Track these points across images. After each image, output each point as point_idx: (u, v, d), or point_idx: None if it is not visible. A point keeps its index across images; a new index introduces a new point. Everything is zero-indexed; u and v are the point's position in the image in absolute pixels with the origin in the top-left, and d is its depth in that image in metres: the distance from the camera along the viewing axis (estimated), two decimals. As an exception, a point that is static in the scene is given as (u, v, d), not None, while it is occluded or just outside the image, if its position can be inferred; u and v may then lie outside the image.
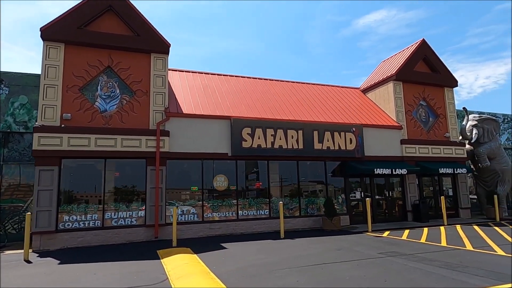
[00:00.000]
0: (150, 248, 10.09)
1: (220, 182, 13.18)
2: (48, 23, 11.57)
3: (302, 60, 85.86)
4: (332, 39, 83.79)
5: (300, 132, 14.10)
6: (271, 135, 13.62)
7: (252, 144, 13.26)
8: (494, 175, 18.35)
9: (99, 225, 11.44)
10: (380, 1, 75.39)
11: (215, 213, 12.91)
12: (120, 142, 11.78)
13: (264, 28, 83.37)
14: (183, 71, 16.14)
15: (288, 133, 13.88)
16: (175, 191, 12.65)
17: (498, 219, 15.69)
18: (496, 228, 13.02)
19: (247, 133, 13.26)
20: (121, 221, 11.71)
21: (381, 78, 17.89)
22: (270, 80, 17.85)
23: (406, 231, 12.65)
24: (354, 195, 15.36)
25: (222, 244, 10.51)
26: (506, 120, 23.48)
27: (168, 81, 14.64)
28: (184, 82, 15.24)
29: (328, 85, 19.28)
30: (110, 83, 12.39)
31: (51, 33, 11.58)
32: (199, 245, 10.54)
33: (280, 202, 12.27)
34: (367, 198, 13.40)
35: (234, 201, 13.25)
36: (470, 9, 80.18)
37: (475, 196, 19.65)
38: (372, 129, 15.75)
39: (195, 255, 8.84)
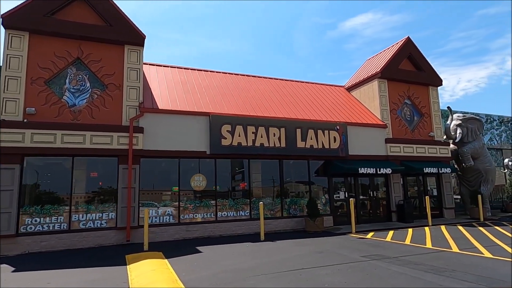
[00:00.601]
0: (119, 253, 9.37)
1: (198, 182, 12.52)
2: (10, 10, 10.70)
3: (289, 61, 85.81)
4: (319, 41, 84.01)
5: (283, 130, 13.56)
6: (252, 132, 13.04)
7: (232, 142, 12.65)
8: (477, 175, 18.25)
9: (65, 228, 10.62)
10: (365, 4, 75.91)
11: (192, 215, 12.24)
12: (90, 139, 10.99)
13: (251, 29, 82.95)
14: (161, 66, 15.41)
15: (270, 131, 13.32)
16: (149, 191, 11.93)
17: (482, 219, 15.53)
18: (481, 228, 12.78)
19: (227, 131, 12.64)
20: (90, 223, 10.92)
21: (366, 76, 17.55)
22: (252, 76, 17.29)
23: (391, 232, 12.27)
24: (338, 195, 14.93)
25: (198, 248, 9.87)
26: (489, 120, 23.56)
27: (144, 76, 13.95)
28: (162, 77, 14.51)
29: (313, 83, 18.84)
30: (80, 76, 11.59)
31: (14, 20, 10.71)
32: (173, 248, 9.88)
33: (260, 203, 11.70)
34: (351, 199, 12.97)
35: (213, 202, 12.60)
36: (453, 14, 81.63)
37: (459, 196, 19.55)
38: (356, 128, 15.36)
39: (166, 260, 8.17)
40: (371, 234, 12.05)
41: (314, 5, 78.03)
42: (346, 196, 14.92)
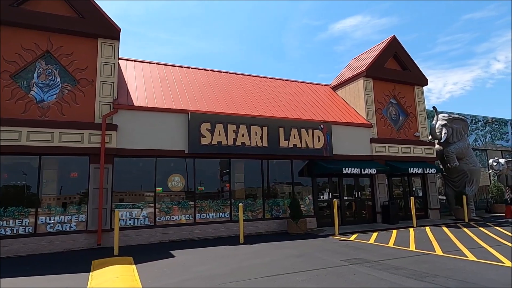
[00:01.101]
0: (86, 258, 8.76)
1: (176, 182, 11.97)
2: (-28, -2, 10.00)
3: (279, 63, 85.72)
4: (309, 42, 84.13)
5: (265, 128, 13.13)
6: (233, 131, 12.57)
7: (211, 141, 12.15)
8: (462, 175, 18.15)
9: (30, 231, 9.95)
10: (354, 7, 76.33)
11: (169, 217, 11.68)
12: (58, 137, 10.36)
13: (241, 30, 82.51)
14: (139, 61, 14.80)
15: (251, 130, 12.87)
16: (123, 192, 11.33)
17: (466, 220, 15.37)
18: (465, 229, 12.57)
19: (206, 129, 12.14)
20: (58, 226, 10.27)
21: (351, 75, 17.27)
22: (236, 74, 16.81)
23: (375, 234, 11.94)
24: (322, 196, 14.56)
25: (172, 252, 9.34)
26: (474, 121, 23.60)
27: (121, 72, 13.35)
28: (140, 73, 13.92)
29: (298, 81, 18.48)
30: (49, 70, 10.94)
31: (-24, 10, 10.02)
32: (146, 253, 9.32)
33: (240, 204, 11.21)
34: (334, 200, 12.61)
35: (192, 203, 12.07)
36: (440, 18, 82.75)
37: (444, 197, 19.44)
38: (341, 127, 15.03)
39: (134, 266, 7.63)
40: (354, 236, 11.70)
41: (303, 6, 78.07)
42: (330, 197, 14.56)
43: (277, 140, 13.27)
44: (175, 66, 15.49)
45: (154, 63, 15.08)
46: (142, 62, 14.86)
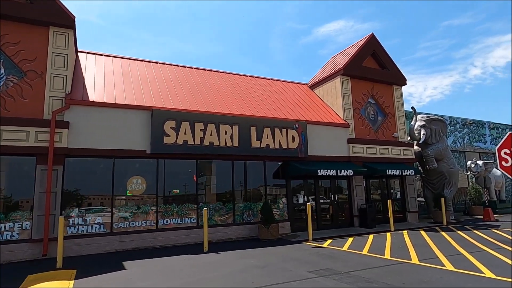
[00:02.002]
0: (24, 272, 7.69)
1: (136, 185, 10.99)
2: None
3: (263, 66, 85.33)
4: (294, 46, 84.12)
5: (236, 127, 12.31)
6: (201, 130, 11.69)
7: (176, 140, 11.23)
8: (441, 177, 17.81)
9: (-37, 241, 8.79)
10: (338, 12, 76.70)
11: (128, 223, 10.68)
12: (-1, 135, 9.24)
13: (225, 32, 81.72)
14: (102, 55, 13.74)
15: (221, 128, 12.03)
16: (76, 196, 10.26)
17: (445, 223, 14.94)
18: (444, 233, 12.06)
19: (171, 127, 11.22)
20: (-3, 235, 9.13)
21: (328, 73, 16.67)
22: (208, 70, 15.93)
23: (350, 239, 11.27)
24: (297, 199, 13.82)
25: (125, 263, 8.38)
26: (452, 122, 23.46)
27: (80, 65, 12.30)
28: (101, 66, 12.87)
29: (274, 79, 17.76)
30: (-8, 61, 9.80)
31: None
32: (94, 264, 8.33)
33: (205, 208, 10.33)
34: (308, 203, 11.88)
35: (153, 208, 11.11)
36: (420, 24, 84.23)
37: (423, 199, 19.08)
38: (317, 127, 14.36)
39: (72, 281, 6.65)
40: (328, 241, 11.00)
41: (288, 10, 78.04)
42: (306, 200, 13.85)
43: (248, 140, 12.47)
44: (142, 60, 14.49)
45: (118, 57, 14.04)
46: (105, 55, 13.80)
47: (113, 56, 13.97)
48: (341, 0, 74.88)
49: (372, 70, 16.60)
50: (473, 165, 19.51)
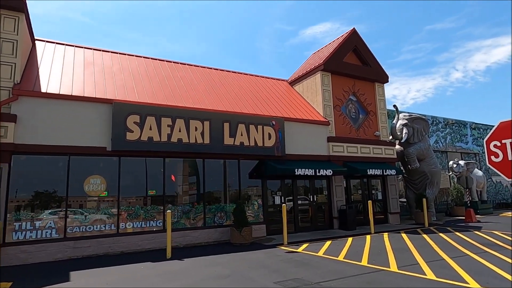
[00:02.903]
0: (-51, 285, 6.67)
1: (95, 186, 10.01)
2: None
3: (251, 66, 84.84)
4: (281, 47, 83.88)
5: (207, 123, 11.46)
6: (168, 125, 10.79)
7: (140, 136, 10.31)
8: (423, 177, 17.39)
9: None
10: (324, 14, 76.73)
11: (84, 227, 9.68)
12: None
13: (214, 32, 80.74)
14: (62, 44, 12.67)
15: (190, 124, 11.16)
16: (24, 198, 9.22)
17: (426, 224, 14.45)
18: (425, 236, 11.51)
19: (134, 122, 10.28)
20: None
21: (308, 69, 16.00)
22: (181, 63, 15.01)
23: (327, 243, 10.58)
24: (273, 200, 13.07)
25: (73, 273, 7.43)
26: (434, 122, 23.19)
27: (35, 53, 11.23)
28: (60, 56, 11.81)
29: (252, 75, 16.98)
30: None
31: None
32: (37, 275, 7.35)
33: (168, 211, 9.42)
34: (283, 204, 11.12)
35: (114, 210, 10.14)
36: (404, 28, 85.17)
37: (405, 200, 18.64)
38: (295, 124, 13.65)
39: (-2, 298, 5.69)
40: (304, 245, 10.28)
41: (276, 11, 77.69)
42: (283, 201, 13.10)
43: (221, 137, 11.64)
44: (108, 51, 13.46)
45: (81, 47, 12.99)
46: (67, 45, 12.73)
47: (76, 46, 12.91)
48: (328, 0, 74.93)
49: (353, 66, 16.01)
50: (455, 165, 19.20)
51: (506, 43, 72.81)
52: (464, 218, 16.63)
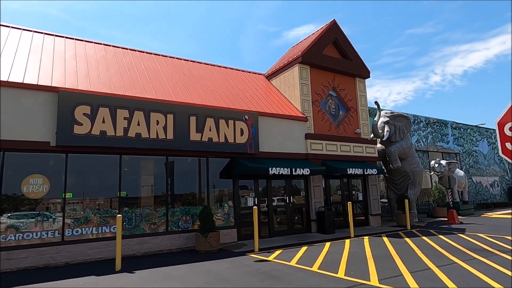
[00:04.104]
0: None
1: (36, 186, 8.65)
2: None
3: (235, 66, 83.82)
4: (265, 48, 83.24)
5: (170, 116, 10.27)
6: (125, 118, 9.54)
7: (91, 130, 9.02)
8: (405, 177, 16.70)
9: None
10: (308, 16, 76.49)
11: (21, 234, 8.31)
12: None
13: (198, 31, 79.24)
14: (7, 26, 11.20)
15: (151, 117, 9.94)
16: None
17: (409, 227, 13.68)
18: (408, 240, 10.67)
19: (84, 114, 8.99)
20: None
21: (286, 62, 15.01)
22: (146, 53, 13.73)
23: (303, 249, 9.57)
24: (245, 202, 11.98)
25: (-7, 292, 6.11)
26: (416, 121, 22.68)
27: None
28: (2, 39, 10.36)
29: (226, 67, 15.85)
30: None
31: None
32: None
33: (118, 216, 8.17)
34: (254, 207, 10.04)
35: (59, 214, 8.81)
36: (385, 31, 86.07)
37: (386, 200, 17.93)
38: (271, 119, 12.62)
39: None
40: (277, 252, 9.24)
41: (259, 12, 76.91)
42: (256, 203, 12.03)
43: (186, 132, 10.47)
44: (62, 36, 12.07)
45: (30, 31, 11.55)
46: (12, 27, 11.27)
47: (24, 29, 11.46)
48: (311, 0, 74.67)
49: (333, 59, 15.12)
50: (436, 165, 18.63)
51: (482, 49, 74.51)
52: (446, 219, 16.04)
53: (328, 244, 10.42)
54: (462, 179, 20.09)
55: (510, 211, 21.00)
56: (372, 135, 16.29)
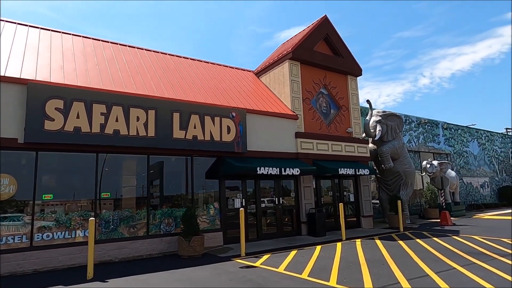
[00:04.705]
0: None
1: (1, 187, 7.90)
2: None
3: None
4: (256, 49, 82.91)
5: (152, 112, 9.63)
6: (101, 113, 8.87)
7: (64, 126, 8.33)
8: (397, 177, 16.33)
9: None
10: (298, 18, 76.39)
11: (-17, 240, 7.59)
12: None
13: (189, 32, 78.36)
14: (-24, 15, 10.44)
15: (131, 113, 9.29)
16: None
17: (401, 229, 13.26)
18: (402, 243, 10.22)
19: (56, 108, 8.30)
20: None
21: (276, 58, 14.48)
22: (129, 46, 13.04)
23: (292, 254, 9.03)
24: (232, 203, 11.38)
25: None
26: (407, 121, 22.40)
27: None
28: (-31, 28, 9.61)
29: (214, 63, 15.24)
30: None
31: None
32: None
33: (91, 219, 7.50)
34: (241, 209, 9.45)
35: (28, 218, 8.09)
36: (375, 34, 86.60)
37: (378, 201, 17.54)
38: (259, 117, 12.07)
39: None
40: (265, 257, 8.68)
41: (251, 14, 76.61)
42: (243, 204, 11.45)
43: (169, 129, 9.84)
44: (37, 27, 11.32)
45: (2, 20, 10.78)
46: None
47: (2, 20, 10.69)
48: (302, 0, 74.54)
49: (324, 56, 14.65)
50: (428, 165, 18.33)
51: (469, 52, 75.44)
52: (438, 220, 15.70)
53: (319, 247, 9.89)
54: (454, 180, 19.84)
55: (503, 212, 20.85)
56: (364, 135, 15.87)
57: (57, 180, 8.69)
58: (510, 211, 21.30)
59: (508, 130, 33.56)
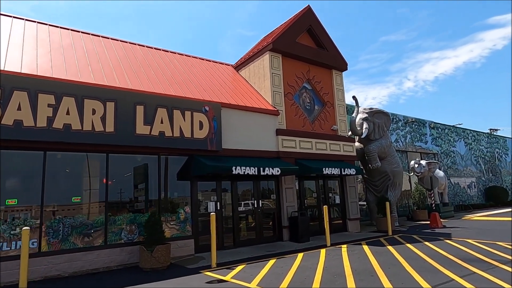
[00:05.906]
0: None
1: None
2: None
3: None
4: (243, 52, 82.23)
5: (111, 105, 8.47)
6: (49, 105, 7.67)
7: (1, 120, 7.11)
8: (385, 178, 15.51)
9: None
10: (285, 19, 75.85)
11: None
12: None
13: (175, 33, 76.81)
14: None
15: (85, 105, 8.11)
16: None
17: (390, 232, 12.38)
18: (391, 249, 9.30)
19: (-8, 98, 7.08)
20: None
21: (256, 50, 13.49)
22: (92, 35, 11.82)
23: (270, 263, 7.99)
24: (205, 207, 10.28)
25: None
26: (394, 120, 21.72)
27: None
28: None
29: (189, 56, 14.13)
30: None
31: None
32: None
33: (25, 228, 6.29)
34: (212, 213, 8.37)
35: (-45, 227, 6.83)
36: (361, 37, 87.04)
37: (365, 203, 16.70)
38: (236, 112, 11.03)
39: None
40: (239, 268, 7.62)
41: (238, 16, 75.77)
42: (218, 208, 10.36)
43: (131, 124, 8.70)
44: (-16, 10, 10.03)
45: None
46: None
47: None
48: (289, 1, 74.12)
49: (308, 48, 13.72)
50: (416, 165, 17.61)
51: (451, 56, 76.39)
52: (428, 223, 14.92)
53: (300, 255, 8.88)
54: (442, 180, 19.21)
55: (493, 212, 20.31)
56: (350, 133, 15.01)
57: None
58: (500, 211, 20.81)
59: (491, 130, 33.44)
